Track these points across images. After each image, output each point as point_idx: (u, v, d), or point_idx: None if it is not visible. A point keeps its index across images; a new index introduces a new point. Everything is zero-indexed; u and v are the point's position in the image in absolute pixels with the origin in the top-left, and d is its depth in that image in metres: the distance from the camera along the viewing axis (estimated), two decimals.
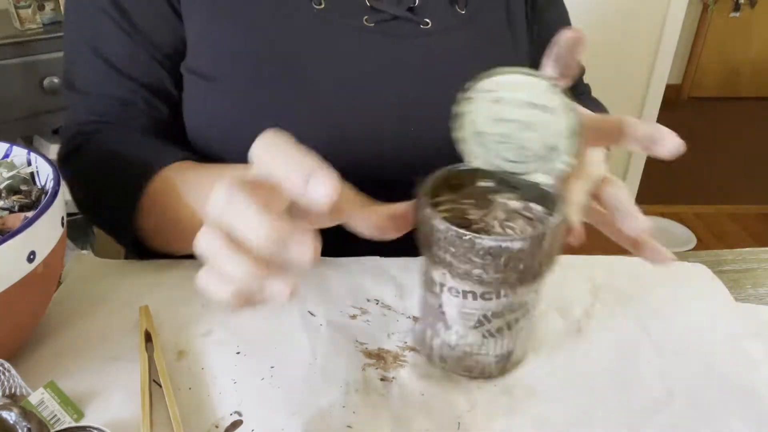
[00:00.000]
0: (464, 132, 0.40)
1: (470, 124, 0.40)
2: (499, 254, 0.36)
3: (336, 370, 0.45)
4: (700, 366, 0.46)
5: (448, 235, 0.37)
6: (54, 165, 0.45)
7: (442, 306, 0.41)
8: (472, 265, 0.37)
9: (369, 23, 0.57)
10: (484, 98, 0.39)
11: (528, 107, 0.38)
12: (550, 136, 0.38)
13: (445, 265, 0.38)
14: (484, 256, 0.36)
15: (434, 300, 0.41)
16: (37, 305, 0.45)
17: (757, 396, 0.43)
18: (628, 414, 0.42)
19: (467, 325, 0.41)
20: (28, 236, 0.38)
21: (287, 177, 0.29)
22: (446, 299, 0.40)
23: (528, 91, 0.38)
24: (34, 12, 1.57)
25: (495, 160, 0.41)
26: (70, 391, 0.41)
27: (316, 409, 0.42)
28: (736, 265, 0.60)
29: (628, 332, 0.49)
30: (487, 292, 0.39)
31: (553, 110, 0.38)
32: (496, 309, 0.40)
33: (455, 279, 0.39)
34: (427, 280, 0.42)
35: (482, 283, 0.38)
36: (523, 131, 0.39)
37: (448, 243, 0.37)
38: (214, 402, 0.42)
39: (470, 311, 0.40)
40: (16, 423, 0.34)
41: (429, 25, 0.59)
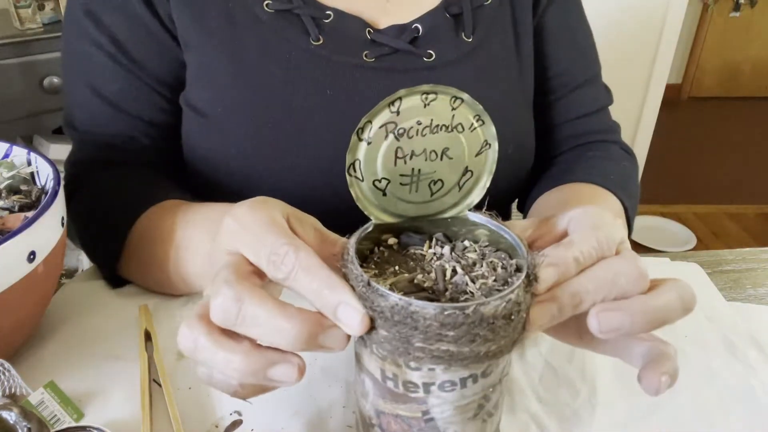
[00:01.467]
0: (362, 184, 0.32)
1: (368, 171, 0.32)
2: (510, 312, 0.29)
3: (336, 370, 0.45)
4: (699, 366, 0.46)
5: (443, 318, 0.27)
6: (54, 165, 0.45)
7: (429, 412, 0.32)
8: (480, 342, 0.28)
9: (368, 59, 0.54)
10: (381, 136, 0.31)
11: (435, 131, 0.32)
12: (461, 158, 0.33)
13: (437, 358, 0.29)
14: (496, 322, 0.28)
15: (412, 409, 0.32)
16: (37, 305, 0.45)
17: (756, 396, 0.43)
18: (627, 414, 0.42)
19: (465, 419, 0.32)
20: (28, 236, 0.38)
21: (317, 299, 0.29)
22: (435, 401, 0.31)
23: (432, 113, 0.32)
24: (34, 12, 1.57)
25: (403, 208, 0.34)
26: (70, 391, 0.41)
27: (316, 409, 0.42)
28: (736, 265, 0.60)
29: None
30: (490, 366, 0.31)
31: (461, 127, 0.32)
32: (495, 381, 0.32)
33: (452, 370, 0.30)
34: (395, 389, 0.31)
35: (491, 356, 0.30)
36: (434, 161, 0.33)
37: (447, 327, 0.28)
38: (213, 402, 0.42)
39: (469, 400, 0.32)
40: (16, 423, 0.34)
41: (432, 58, 0.56)
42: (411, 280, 0.31)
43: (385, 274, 0.32)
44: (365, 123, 0.31)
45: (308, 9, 0.54)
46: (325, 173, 0.54)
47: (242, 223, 0.31)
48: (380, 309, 0.28)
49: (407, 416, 0.32)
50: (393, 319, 0.28)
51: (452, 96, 0.31)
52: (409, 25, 0.56)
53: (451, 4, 0.57)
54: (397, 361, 0.30)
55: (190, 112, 0.56)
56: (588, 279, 0.30)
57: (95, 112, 0.57)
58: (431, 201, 0.34)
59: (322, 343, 0.28)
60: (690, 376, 0.45)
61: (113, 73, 0.55)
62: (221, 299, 0.28)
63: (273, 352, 0.28)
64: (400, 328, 0.28)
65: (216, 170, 0.57)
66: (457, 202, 0.35)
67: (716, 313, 0.52)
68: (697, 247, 2.27)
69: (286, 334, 0.27)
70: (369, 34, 0.55)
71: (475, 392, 0.32)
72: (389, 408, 0.33)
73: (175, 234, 0.48)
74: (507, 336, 0.29)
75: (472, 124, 0.32)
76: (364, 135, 0.31)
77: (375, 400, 0.33)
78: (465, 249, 0.34)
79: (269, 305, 0.28)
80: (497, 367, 0.32)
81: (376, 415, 0.34)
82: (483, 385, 0.31)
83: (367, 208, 0.33)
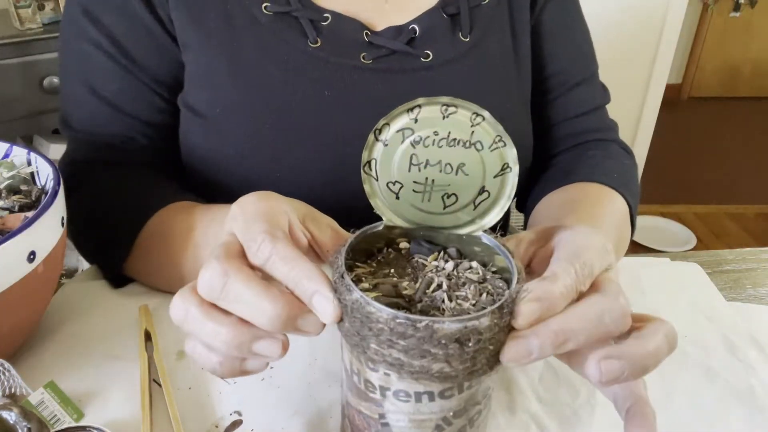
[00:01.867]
0: (376, 184, 0.33)
1: (383, 172, 0.33)
2: (468, 338, 0.27)
3: (336, 370, 0.45)
4: (699, 367, 0.46)
5: (394, 325, 0.27)
6: (54, 165, 0.45)
7: (385, 416, 0.32)
8: (431, 359, 0.28)
9: (366, 60, 0.54)
10: (397, 140, 0.32)
11: (451, 145, 0.32)
12: (478, 176, 0.32)
13: (390, 364, 0.28)
14: (448, 344, 0.27)
15: (371, 409, 0.32)
16: (37, 305, 0.45)
17: (756, 396, 0.43)
18: None
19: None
20: (28, 236, 0.38)
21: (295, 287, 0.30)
22: (390, 407, 0.31)
23: (451, 126, 0.31)
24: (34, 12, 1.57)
25: (415, 215, 0.34)
26: (70, 391, 0.41)
27: (317, 409, 0.42)
28: (736, 265, 0.60)
29: None
30: (448, 389, 0.30)
31: (481, 145, 0.32)
32: (458, 407, 0.31)
33: (404, 380, 0.29)
34: (358, 384, 0.32)
35: (444, 378, 0.28)
36: (449, 174, 0.32)
37: (396, 335, 0.27)
38: (213, 402, 0.42)
39: (425, 417, 0.31)
40: (16, 423, 0.34)
41: (430, 58, 0.56)
42: (395, 284, 0.31)
43: (378, 273, 0.32)
44: (383, 125, 0.32)
45: (306, 12, 0.54)
46: (325, 173, 0.54)
47: (242, 210, 0.32)
48: (345, 302, 0.29)
49: (367, 414, 0.32)
50: (353, 314, 0.29)
51: (473, 112, 0.31)
52: (406, 26, 0.56)
53: (448, 4, 0.57)
54: (359, 357, 0.30)
55: (189, 114, 0.56)
56: (574, 317, 0.29)
57: (93, 112, 0.57)
58: (444, 214, 0.34)
59: (299, 327, 0.29)
60: (690, 376, 0.45)
61: (112, 72, 0.55)
62: (209, 273, 0.29)
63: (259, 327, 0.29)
64: (358, 326, 0.29)
65: (215, 171, 0.56)
66: (472, 220, 0.34)
67: (716, 313, 0.52)
68: (697, 247, 2.27)
69: (268, 313, 0.28)
70: (366, 36, 0.55)
71: (432, 411, 0.31)
72: (354, 402, 0.33)
73: (194, 233, 0.48)
74: (462, 361, 0.28)
75: (493, 144, 0.32)
76: (381, 136, 0.32)
77: (345, 391, 0.34)
78: (469, 269, 0.33)
79: (253, 284, 0.29)
80: (458, 393, 0.30)
81: (347, 405, 0.34)
82: (441, 406, 0.31)
83: (379, 207, 0.33)
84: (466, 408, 0.31)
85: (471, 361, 0.28)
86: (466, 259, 0.34)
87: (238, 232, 0.32)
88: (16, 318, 0.41)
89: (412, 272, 0.33)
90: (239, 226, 0.32)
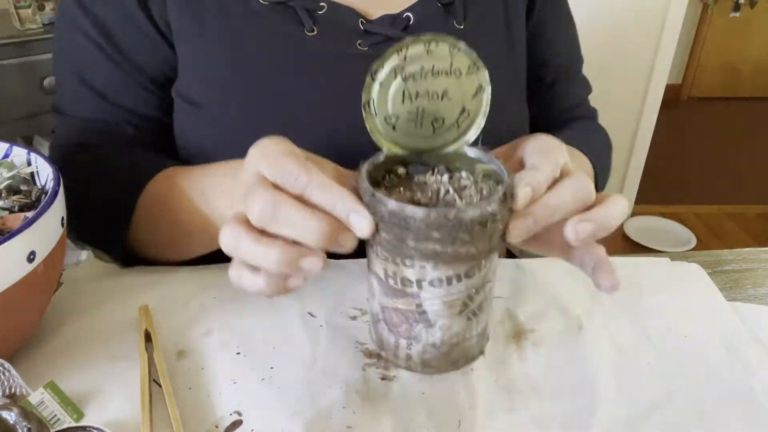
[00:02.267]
0: (375, 119, 0.38)
1: (381, 109, 0.38)
2: (486, 220, 0.34)
3: (336, 370, 0.45)
4: (699, 367, 0.46)
5: (430, 221, 0.33)
6: (54, 165, 0.45)
7: (421, 305, 0.38)
8: (460, 243, 0.34)
9: (362, 47, 0.55)
10: (390, 78, 0.37)
11: (436, 75, 0.37)
12: (459, 99, 0.38)
13: (426, 256, 0.35)
14: (473, 227, 0.34)
15: (408, 304, 0.38)
16: (37, 305, 0.45)
17: (756, 396, 0.43)
18: (627, 414, 0.42)
19: (452, 314, 0.38)
20: (28, 236, 0.37)
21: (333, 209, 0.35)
22: (426, 295, 0.37)
23: (434, 59, 0.37)
24: (34, 12, 1.57)
25: (410, 141, 0.39)
26: (70, 391, 0.41)
27: (316, 409, 0.42)
28: (736, 265, 0.60)
29: (627, 333, 0.49)
30: (471, 268, 0.37)
31: (459, 72, 0.38)
32: (477, 284, 0.38)
33: (439, 268, 0.36)
34: (394, 285, 0.38)
35: (470, 259, 0.36)
36: (435, 101, 0.38)
37: (432, 228, 0.34)
38: (213, 402, 0.42)
39: (455, 297, 0.38)
40: (16, 423, 0.34)
41: None
42: (411, 197, 0.38)
43: (392, 193, 0.38)
44: (378, 66, 0.37)
45: (302, 1, 0.55)
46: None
47: (264, 152, 0.36)
48: (381, 214, 0.35)
49: (405, 309, 0.38)
50: (390, 221, 0.34)
51: (451, 44, 0.37)
52: (400, 15, 0.57)
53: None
54: (395, 259, 0.36)
55: (184, 104, 0.57)
56: (557, 196, 0.37)
57: (81, 99, 0.58)
58: (434, 136, 0.40)
59: (340, 242, 0.34)
60: (690, 377, 0.45)
61: (100, 62, 0.56)
62: (260, 202, 0.34)
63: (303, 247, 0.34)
64: (396, 230, 0.34)
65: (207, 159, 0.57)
66: (456, 138, 0.40)
67: (716, 313, 0.52)
68: (697, 248, 2.27)
69: (314, 231, 0.33)
70: (362, 24, 0.56)
71: (459, 290, 0.37)
72: (390, 303, 0.39)
73: (199, 184, 0.50)
74: (483, 241, 0.35)
75: (468, 69, 0.38)
76: (377, 76, 0.37)
77: (380, 297, 0.40)
78: (461, 178, 0.40)
79: (301, 207, 0.34)
80: (479, 271, 0.37)
81: (381, 310, 0.40)
82: (466, 285, 0.37)
83: (379, 140, 0.39)
84: (483, 284, 0.39)
85: (489, 241, 0.36)
86: (456, 171, 0.41)
87: (266, 169, 0.35)
88: (16, 318, 0.41)
89: (417, 188, 0.39)
90: (267, 164, 0.35)
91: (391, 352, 0.42)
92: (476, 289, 0.38)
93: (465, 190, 0.38)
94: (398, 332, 0.40)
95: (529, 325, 0.50)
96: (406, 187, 0.39)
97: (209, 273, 0.55)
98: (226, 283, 0.54)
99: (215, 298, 0.52)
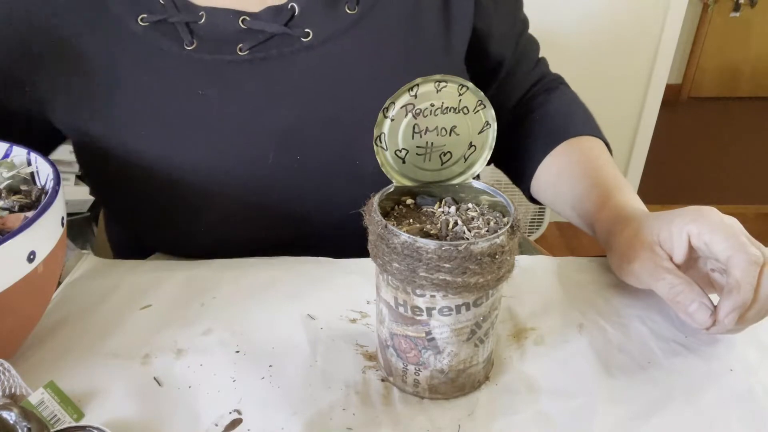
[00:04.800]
0: (386, 153, 0.40)
1: (391, 143, 0.40)
2: (495, 252, 0.36)
3: (336, 371, 0.45)
4: (699, 367, 0.46)
5: (441, 252, 0.35)
6: (54, 165, 0.45)
7: (431, 333, 0.39)
8: (470, 274, 0.36)
9: (242, 52, 0.53)
10: (402, 115, 0.39)
11: (445, 112, 0.40)
12: (466, 134, 0.41)
13: (436, 286, 0.36)
14: (482, 259, 0.36)
15: (418, 331, 0.39)
16: (37, 305, 0.45)
17: (756, 396, 0.43)
18: (627, 415, 0.42)
19: (461, 341, 0.40)
20: (28, 236, 0.37)
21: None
22: (436, 323, 0.39)
23: (443, 97, 0.39)
24: None
25: (419, 174, 0.41)
26: (70, 391, 0.41)
27: (316, 409, 0.42)
28: None
29: (627, 332, 0.49)
30: (479, 297, 0.38)
31: (467, 109, 0.40)
32: (485, 312, 0.39)
33: (449, 297, 0.37)
34: (405, 313, 0.39)
35: (479, 288, 0.37)
36: (444, 136, 0.40)
37: (443, 260, 0.35)
38: (213, 401, 0.42)
39: (463, 324, 0.39)
40: (16, 423, 0.34)
41: (310, 37, 0.54)
42: (421, 228, 0.39)
43: (402, 224, 0.40)
44: (389, 104, 0.39)
45: (182, 15, 0.53)
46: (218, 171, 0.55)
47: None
48: (393, 246, 0.36)
49: (414, 336, 0.40)
50: (403, 253, 0.36)
51: (459, 84, 0.39)
52: (285, 6, 0.54)
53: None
54: (406, 288, 0.38)
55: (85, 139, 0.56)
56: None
57: None
58: (442, 169, 0.42)
59: None
60: (690, 377, 0.45)
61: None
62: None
63: None
64: (408, 261, 0.36)
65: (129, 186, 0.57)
66: (463, 171, 0.42)
67: None
68: None
69: None
70: (243, 22, 0.53)
71: (468, 318, 0.39)
72: (400, 330, 0.40)
73: None
74: (491, 272, 0.37)
75: (476, 107, 0.40)
76: (388, 113, 0.39)
77: (389, 324, 0.41)
78: (468, 209, 0.41)
79: None
80: (486, 300, 0.39)
81: (390, 336, 0.41)
82: (474, 313, 0.39)
83: (389, 173, 0.41)
84: (490, 312, 0.40)
85: (497, 271, 0.37)
86: (462, 203, 0.42)
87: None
88: (16, 318, 0.41)
89: (426, 219, 0.41)
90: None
91: (399, 378, 0.43)
92: (484, 317, 0.39)
93: (472, 222, 0.40)
94: (407, 358, 0.41)
95: (530, 324, 0.50)
96: (415, 218, 0.40)
97: (210, 272, 0.55)
98: (227, 282, 0.54)
99: (215, 298, 0.52)
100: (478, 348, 0.41)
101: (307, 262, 0.57)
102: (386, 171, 0.41)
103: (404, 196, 0.43)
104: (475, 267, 0.36)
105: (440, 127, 0.40)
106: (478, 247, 0.35)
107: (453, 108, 0.40)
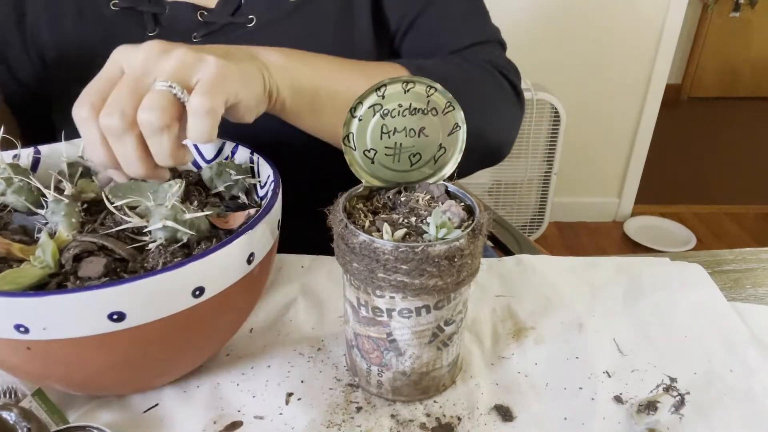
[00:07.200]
0: (354, 152, 0.40)
1: (360, 143, 0.39)
2: (453, 255, 0.35)
3: (336, 372, 0.45)
4: (699, 367, 0.46)
5: (398, 253, 0.34)
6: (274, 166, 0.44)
7: (391, 334, 0.39)
8: (428, 276, 0.35)
9: (196, 39, 0.58)
10: (369, 115, 0.39)
11: (413, 113, 0.39)
12: (436, 136, 0.40)
13: (395, 287, 0.36)
14: (440, 262, 0.35)
15: (379, 332, 0.39)
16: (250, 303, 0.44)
17: (756, 396, 0.43)
18: (627, 413, 0.42)
19: (422, 344, 0.39)
20: (249, 238, 0.37)
21: None
22: (396, 325, 0.38)
23: (411, 98, 0.39)
24: None
25: (388, 174, 0.41)
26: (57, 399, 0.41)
27: (318, 409, 0.42)
28: (736, 265, 0.60)
29: (627, 332, 0.49)
30: (440, 300, 0.37)
31: (436, 111, 0.39)
32: (447, 315, 0.39)
33: (407, 299, 0.37)
34: (366, 314, 0.39)
35: (438, 291, 0.36)
36: (412, 138, 0.40)
37: (400, 261, 0.35)
38: (213, 401, 0.42)
39: (424, 327, 0.38)
40: (16, 423, 0.34)
41: (253, 23, 0.59)
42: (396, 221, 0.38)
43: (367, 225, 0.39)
44: (357, 103, 0.38)
45: (150, 6, 0.59)
46: None
47: None
48: (352, 246, 0.36)
49: (376, 337, 0.39)
50: (361, 253, 0.35)
51: (427, 85, 0.39)
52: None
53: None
54: (366, 289, 0.37)
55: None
56: None
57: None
58: (411, 170, 0.41)
59: None
60: (690, 377, 0.45)
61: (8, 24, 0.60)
62: None
63: None
64: (366, 261, 0.35)
65: None
66: (433, 172, 0.42)
67: (716, 313, 0.52)
68: (697, 247, 2.26)
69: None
70: (201, 16, 0.59)
71: (429, 321, 0.38)
72: (363, 330, 0.40)
73: None
74: (452, 275, 0.36)
75: (445, 108, 0.40)
76: (356, 113, 0.38)
77: (353, 324, 0.40)
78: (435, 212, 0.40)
79: None
80: (448, 303, 0.38)
81: (354, 336, 0.41)
82: (436, 316, 0.38)
83: (358, 173, 0.40)
84: (453, 316, 0.39)
85: (457, 274, 0.36)
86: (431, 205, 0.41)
87: None
88: (227, 319, 0.41)
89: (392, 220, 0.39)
90: None
91: (363, 378, 0.43)
92: (446, 321, 0.39)
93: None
94: (370, 359, 0.41)
95: (529, 323, 0.50)
96: (382, 219, 0.39)
97: None
98: None
99: None
100: (442, 351, 0.40)
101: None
102: (355, 171, 0.40)
103: (374, 197, 0.42)
104: (432, 269, 0.35)
105: (408, 128, 0.39)
106: (435, 250, 0.35)
107: (421, 109, 0.39)
